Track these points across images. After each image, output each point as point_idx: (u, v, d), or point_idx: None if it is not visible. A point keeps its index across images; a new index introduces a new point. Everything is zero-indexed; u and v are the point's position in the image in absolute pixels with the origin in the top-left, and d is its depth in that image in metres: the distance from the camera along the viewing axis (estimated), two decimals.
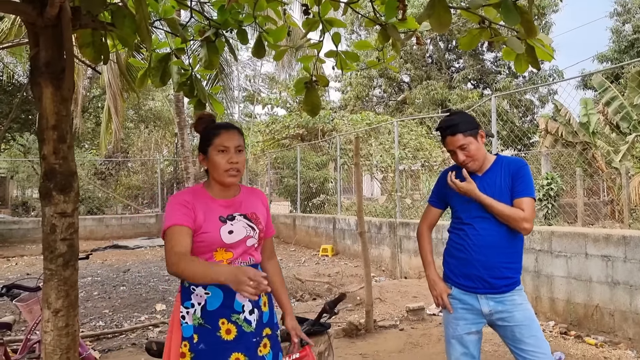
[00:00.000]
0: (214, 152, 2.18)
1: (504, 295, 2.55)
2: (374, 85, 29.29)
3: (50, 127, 2.76)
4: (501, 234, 2.55)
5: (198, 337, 2.08)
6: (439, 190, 2.79)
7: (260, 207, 2.32)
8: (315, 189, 13.98)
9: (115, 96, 11.33)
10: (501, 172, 2.61)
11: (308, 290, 7.46)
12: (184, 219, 2.08)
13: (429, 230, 2.86)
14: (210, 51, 3.69)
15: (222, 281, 1.83)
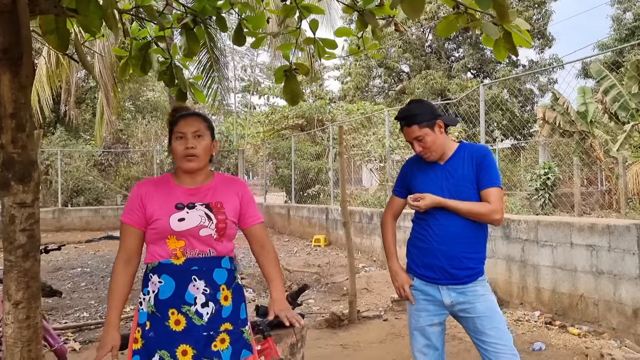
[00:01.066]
0: (174, 139, 2.20)
1: (466, 286, 2.49)
2: (374, 75, 29.14)
3: (8, 115, 2.70)
4: (464, 224, 2.49)
5: (150, 324, 2.10)
6: (402, 180, 2.73)
7: (231, 196, 2.24)
8: (310, 179, 13.92)
9: (107, 87, 11.24)
10: (464, 160, 2.54)
11: (296, 281, 7.42)
12: (133, 217, 2.17)
13: (393, 220, 2.80)
14: (189, 39, 3.63)
15: (103, 328, 2.14)
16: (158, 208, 2.13)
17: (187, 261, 2.11)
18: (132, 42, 3.86)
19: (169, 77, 4.00)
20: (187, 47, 3.68)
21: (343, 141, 5.60)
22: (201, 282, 2.11)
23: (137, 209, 2.16)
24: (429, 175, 2.57)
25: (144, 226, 2.16)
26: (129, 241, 2.18)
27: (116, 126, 23.49)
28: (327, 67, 31.17)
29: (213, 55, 14.30)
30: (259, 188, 19.42)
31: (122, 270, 2.16)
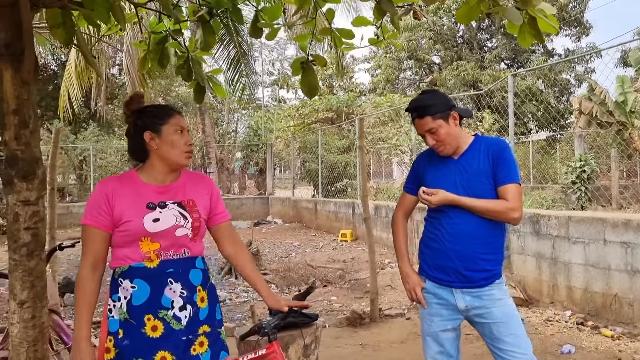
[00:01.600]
0: (170, 131, 2.05)
1: (482, 289, 2.33)
2: (404, 67, 28.74)
3: (11, 111, 2.64)
4: (478, 222, 2.33)
5: (123, 332, 1.96)
6: (414, 176, 2.57)
7: (202, 193, 2.16)
8: (338, 173, 13.79)
9: (134, 82, 11.32)
10: (479, 154, 2.38)
11: (319, 277, 7.32)
12: (100, 218, 2.00)
13: (404, 219, 2.64)
14: (205, 32, 3.55)
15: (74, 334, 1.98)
16: (127, 208, 1.98)
17: (162, 263, 1.99)
18: (150, 36, 3.79)
19: (187, 71, 3.92)
20: (203, 40, 3.60)
21: (363, 134, 5.45)
22: (177, 285, 2.01)
23: (103, 210, 1.99)
24: (442, 170, 2.41)
25: (111, 228, 2.00)
26: (95, 246, 2.00)
27: None
28: (357, 60, 30.88)
29: (240, 49, 14.28)
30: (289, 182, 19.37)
31: (89, 277, 1.98)
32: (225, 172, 21.67)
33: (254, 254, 7.70)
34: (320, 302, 6.11)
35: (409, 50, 26.12)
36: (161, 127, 2.05)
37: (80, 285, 1.99)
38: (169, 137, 2.05)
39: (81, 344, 1.94)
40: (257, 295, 6.60)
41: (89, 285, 1.98)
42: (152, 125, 2.06)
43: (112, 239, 2.02)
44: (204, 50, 3.65)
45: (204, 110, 14.83)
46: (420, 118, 2.36)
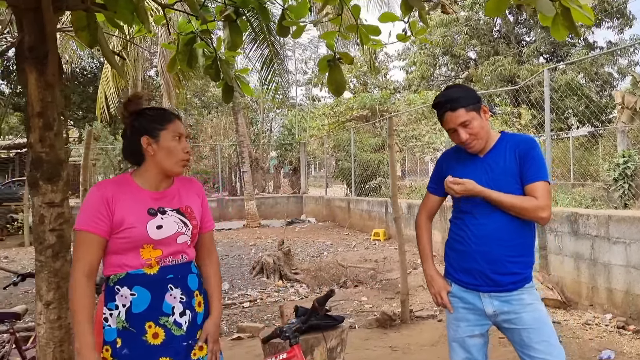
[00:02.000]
0: (168, 138, 1.98)
1: (511, 293, 2.22)
2: (439, 63, 28.34)
3: (36, 114, 2.67)
4: (506, 223, 2.22)
5: (122, 341, 1.91)
6: (438, 176, 2.47)
7: (195, 199, 2.12)
8: (371, 171, 13.67)
9: (168, 83, 11.47)
10: (505, 153, 2.26)
11: (351, 277, 7.25)
12: (98, 224, 1.89)
13: (428, 220, 2.55)
14: (232, 31, 3.52)
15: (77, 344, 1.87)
16: (128, 214, 1.91)
17: (162, 269, 1.95)
18: (178, 37, 3.80)
19: (215, 71, 3.91)
20: (230, 39, 3.58)
21: (393, 133, 5.35)
22: (177, 291, 1.97)
23: (104, 215, 1.89)
24: (467, 169, 2.31)
25: (109, 234, 1.91)
26: (92, 253, 1.89)
27: (186, 122, 24.23)
28: (391, 57, 30.61)
29: (273, 49, 14.31)
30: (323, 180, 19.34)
31: (85, 285, 1.87)
32: (260, 171, 21.79)
33: (285, 254, 7.68)
34: (350, 303, 6.04)
35: (444, 46, 25.74)
36: (159, 133, 1.98)
37: (77, 293, 1.88)
38: (166, 143, 1.98)
39: (87, 352, 1.84)
40: (288, 295, 6.61)
41: (85, 293, 1.88)
42: (151, 130, 1.99)
43: (107, 244, 1.93)
44: (231, 50, 3.62)
45: (237, 110, 14.90)
46: (452, 111, 2.23)
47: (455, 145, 2.43)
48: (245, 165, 15.33)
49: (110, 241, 1.93)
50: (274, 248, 8.69)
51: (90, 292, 1.90)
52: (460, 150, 2.35)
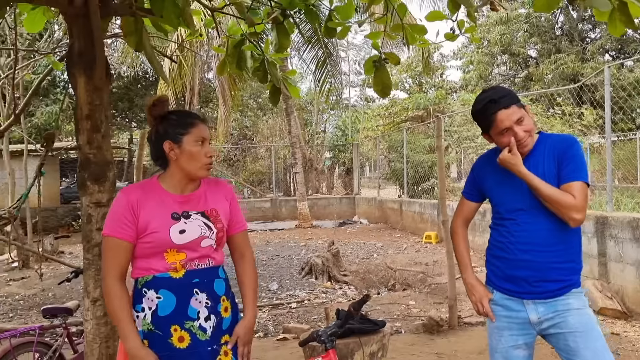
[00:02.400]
0: (191, 142, 1.98)
1: (557, 298, 2.10)
2: (497, 62, 27.60)
3: (85, 117, 2.77)
4: (549, 228, 2.10)
5: (148, 343, 1.93)
6: (473, 181, 2.38)
7: (222, 201, 2.10)
8: (424, 172, 13.46)
9: (223, 85, 11.70)
10: (544, 154, 2.14)
11: (400, 280, 7.14)
12: (124, 230, 1.92)
13: (464, 227, 2.46)
14: (279, 33, 3.56)
15: (125, 345, 1.89)
16: (153, 218, 1.92)
17: (188, 274, 1.95)
18: (228, 39, 3.86)
19: (262, 73, 3.95)
20: (277, 41, 3.61)
21: (441, 134, 5.24)
22: (203, 295, 1.97)
23: (129, 220, 1.92)
24: (505, 173, 2.20)
25: (135, 239, 1.93)
26: (121, 258, 1.92)
27: (242, 123, 24.69)
28: (447, 57, 30.08)
29: (326, 50, 14.36)
30: (376, 182, 19.21)
31: (120, 289, 1.92)
32: (313, 172, 21.90)
33: (333, 255, 7.66)
34: (397, 306, 5.96)
35: (502, 44, 25.03)
36: (182, 138, 1.98)
37: (115, 299, 1.91)
38: (189, 148, 1.98)
39: (142, 352, 1.87)
40: (335, 297, 6.58)
41: (122, 296, 1.92)
42: (173, 135, 1.99)
43: (134, 249, 1.97)
44: (278, 51, 3.65)
45: (290, 112, 15.01)
46: (506, 108, 2.11)
47: (490, 150, 2.33)
48: (297, 166, 15.44)
49: (136, 245, 1.95)
50: (324, 249, 8.69)
51: (124, 294, 1.94)
52: (496, 155, 2.25)
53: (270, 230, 14.62)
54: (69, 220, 15.94)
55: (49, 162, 15.95)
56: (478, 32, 13.05)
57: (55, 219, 15.84)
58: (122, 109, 22.41)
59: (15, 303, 7.14)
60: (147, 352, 1.89)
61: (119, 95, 21.29)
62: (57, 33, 7.65)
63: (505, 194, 2.21)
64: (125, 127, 25.44)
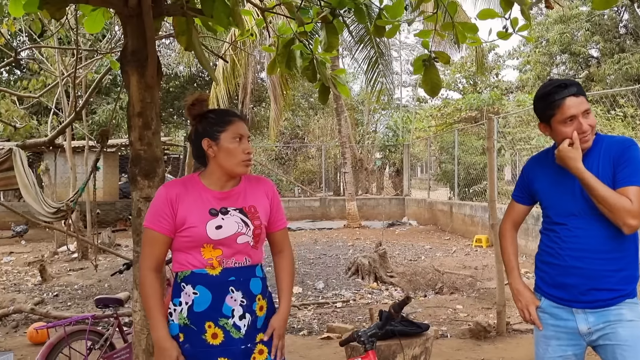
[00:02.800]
0: (228, 139, 2.01)
1: (609, 308, 2.01)
2: (557, 62, 26.70)
3: (136, 114, 2.86)
4: (603, 235, 2.01)
5: (184, 336, 1.97)
6: (523, 183, 2.29)
7: (263, 198, 2.11)
8: (476, 174, 13.19)
9: (274, 85, 11.83)
10: (599, 157, 2.05)
11: (447, 283, 7.02)
12: (162, 223, 1.98)
13: (513, 230, 2.37)
14: (329, 32, 3.58)
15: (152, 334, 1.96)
16: (190, 213, 1.96)
17: (224, 271, 1.97)
18: (278, 39, 3.91)
19: (312, 72, 3.97)
20: (327, 41, 3.62)
21: (492, 136, 5.11)
22: (238, 294, 1.98)
23: (167, 214, 1.97)
24: (557, 176, 2.12)
25: (172, 233, 1.98)
26: (157, 250, 2.00)
27: (294, 123, 24.93)
28: (502, 56, 29.34)
29: (378, 50, 14.28)
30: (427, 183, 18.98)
31: (155, 280, 1.99)
32: (363, 172, 21.84)
33: (380, 256, 7.61)
34: (444, 310, 5.86)
35: (562, 43, 24.18)
36: (219, 135, 2.01)
37: (146, 288, 1.99)
38: (226, 145, 2.00)
39: (166, 343, 1.93)
40: (381, 298, 6.54)
41: (155, 286, 1.99)
42: (211, 133, 2.02)
43: (173, 242, 2.02)
44: (327, 51, 3.66)
45: (341, 111, 15.01)
46: (576, 96, 2.02)
47: (542, 151, 2.25)
48: (346, 166, 15.42)
49: (175, 239, 2.00)
50: (371, 249, 8.66)
51: (158, 285, 2.00)
52: (548, 157, 2.18)
53: (319, 229, 14.67)
54: (127, 214, 16.51)
55: (109, 158, 16.60)
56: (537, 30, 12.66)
57: (114, 212, 16.43)
58: (178, 107, 23.00)
59: (73, 292, 7.46)
60: (172, 345, 1.93)
61: (175, 94, 21.87)
62: (117, 34, 7.93)
63: (557, 197, 2.13)
64: (181, 124, 26.12)
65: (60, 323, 3.61)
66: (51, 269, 8.89)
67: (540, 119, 2.16)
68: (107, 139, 4.73)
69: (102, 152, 4.93)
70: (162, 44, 18.36)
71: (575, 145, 2.00)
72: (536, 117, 2.23)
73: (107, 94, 18.97)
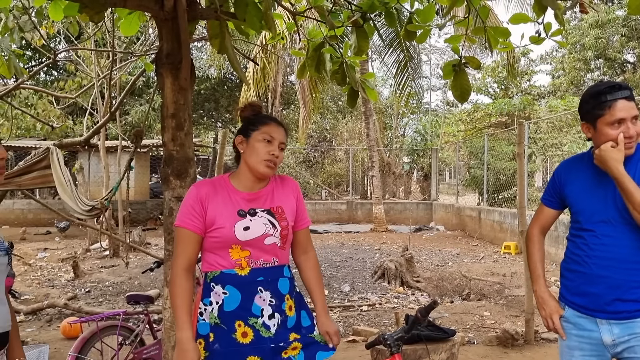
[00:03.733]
0: (257, 138, 2.04)
1: (635, 320, 1.96)
2: (591, 68, 26.18)
3: (170, 115, 2.93)
4: (632, 244, 1.97)
5: (214, 336, 1.99)
6: (554, 187, 2.25)
7: (289, 198, 2.14)
8: (506, 180, 13.01)
9: (303, 88, 11.89)
10: (637, 165, 2.01)
11: (475, 290, 6.95)
12: (194, 222, 2.01)
13: (541, 235, 2.34)
14: (359, 36, 3.60)
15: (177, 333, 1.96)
16: (219, 214, 1.99)
17: (252, 271, 2.00)
18: (308, 43, 3.94)
19: (341, 76, 3.99)
20: (357, 45, 3.64)
21: (523, 141, 5.04)
22: (267, 293, 2.01)
23: (198, 213, 2.00)
24: (591, 181, 2.09)
25: (203, 232, 2.01)
26: (189, 249, 2.02)
27: (322, 125, 24.99)
28: (534, 61, 28.90)
29: (407, 54, 14.22)
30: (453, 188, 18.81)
31: (185, 280, 2.01)
32: (391, 176, 21.75)
33: (407, 260, 7.58)
34: (471, 317, 5.80)
35: (597, 49, 23.72)
36: (251, 133, 2.06)
37: (176, 287, 2.00)
38: (253, 142, 2.04)
39: (189, 345, 1.92)
40: (407, 302, 6.52)
41: (185, 286, 2.00)
42: (245, 131, 2.09)
43: (203, 242, 2.05)
44: (357, 54, 3.68)
45: (369, 115, 14.99)
46: (628, 100, 1.98)
47: (576, 155, 2.23)
48: (374, 170, 15.39)
49: (205, 239, 2.03)
50: (398, 254, 8.63)
51: (189, 286, 2.02)
52: (582, 161, 2.15)
53: (345, 233, 14.66)
54: (157, 213, 16.79)
55: (141, 159, 16.91)
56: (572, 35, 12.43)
57: (145, 211, 16.71)
58: (208, 109, 23.29)
59: (105, 289, 7.63)
60: (193, 348, 1.93)
61: (205, 96, 22.15)
62: (151, 37, 8.10)
63: (588, 203, 2.09)
64: (211, 126, 26.43)
65: (93, 318, 3.70)
66: (84, 266, 9.11)
67: (584, 118, 2.10)
68: (141, 139, 4.84)
69: (135, 151, 5.04)
70: (194, 47, 18.67)
71: (619, 147, 1.96)
72: (571, 121, 2.20)
73: (140, 96, 19.33)
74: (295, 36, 11.61)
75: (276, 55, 12.65)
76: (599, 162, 2.01)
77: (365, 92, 4.24)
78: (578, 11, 3.64)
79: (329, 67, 3.95)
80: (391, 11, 3.58)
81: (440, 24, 4.54)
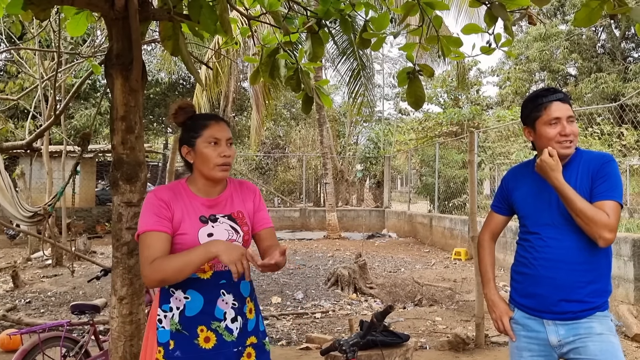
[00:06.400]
0: (203, 145, 1.98)
1: (579, 321, 2.02)
2: (535, 79, 27.23)
3: (120, 117, 2.82)
4: (576, 246, 2.03)
5: (174, 343, 1.92)
6: (502, 194, 2.33)
7: (248, 202, 2.12)
8: (456, 188, 13.30)
9: (257, 94, 11.82)
10: (578, 171, 2.09)
11: (427, 295, 7.04)
12: (160, 223, 1.91)
13: (491, 241, 2.41)
14: (314, 43, 3.58)
15: (213, 253, 1.78)
16: (182, 220, 1.94)
17: (215, 274, 1.95)
18: (262, 48, 3.89)
19: (296, 82, 3.97)
20: (312, 51, 3.62)
21: (473, 149, 5.16)
22: (230, 296, 1.98)
23: (164, 214, 1.91)
24: (536, 187, 2.16)
25: (172, 233, 1.92)
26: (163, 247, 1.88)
27: (275, 132, 24.91)
28: (484, 72, 29.80)
29: (360, 62, 14.38)
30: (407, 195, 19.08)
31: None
32: (344, 184, 21.88)
33: (360, 267, 7.61)
34: (423, 322, 5.86)
35: (541, 61, 24.70)
36: (195, 141, 1.99)
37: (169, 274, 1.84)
38: (200, 150, 1.98)
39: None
40: (360, 309, 6.53)
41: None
42: (188, 139, 2.01)
43: None
44: (312, 61, 3.66)
45: (322, 122, 15.04)
46: (562, 102, 2.10)
47: (521, 163, 2.29)
48: (327, 177, 15.44)
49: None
50: (351, 260, 8.65)
51: None
52: (528, 168, 2.22)
53: (299, 240, 14.63)
54: (103, 221, 16.29)
55: (87, 164, 16.38)
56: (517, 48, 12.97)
57: (91, 219, 16.19)
58: (158, 114, 22.85)
59: (47, 299, 7.30)
60: None
61: (156, 101, 21.72)
62: (99, 38, 7.86)
63: (533, 207, 2.16)
64: (161, 132, 25.93)
65: (34, 329, 3.51)
66: (24, 276, 8.70)
67: (525, 122, 2.21)
68: (88, 143, 4.66)
69: (82, 156, 4.86)
70: (144, 50, 18.26)
71: (555, 158, 2.03)
72: (518, 131, 2.28)
73: (86, 99, 18.78)
74: (249, 42, 11.54)
75: (229, 60, 12.54)
76: (540, 171, 2.08)
77: (320, 98, 4.25)
78: (526, 23, 3.78)
79: (283, 73, 3.92)
80: (347, 18, 3.59)
81: (394, 32, 4.58)
